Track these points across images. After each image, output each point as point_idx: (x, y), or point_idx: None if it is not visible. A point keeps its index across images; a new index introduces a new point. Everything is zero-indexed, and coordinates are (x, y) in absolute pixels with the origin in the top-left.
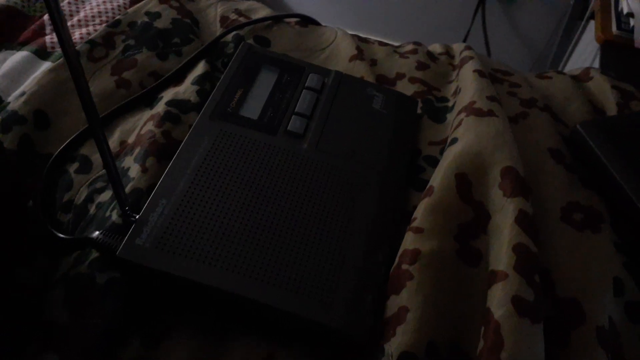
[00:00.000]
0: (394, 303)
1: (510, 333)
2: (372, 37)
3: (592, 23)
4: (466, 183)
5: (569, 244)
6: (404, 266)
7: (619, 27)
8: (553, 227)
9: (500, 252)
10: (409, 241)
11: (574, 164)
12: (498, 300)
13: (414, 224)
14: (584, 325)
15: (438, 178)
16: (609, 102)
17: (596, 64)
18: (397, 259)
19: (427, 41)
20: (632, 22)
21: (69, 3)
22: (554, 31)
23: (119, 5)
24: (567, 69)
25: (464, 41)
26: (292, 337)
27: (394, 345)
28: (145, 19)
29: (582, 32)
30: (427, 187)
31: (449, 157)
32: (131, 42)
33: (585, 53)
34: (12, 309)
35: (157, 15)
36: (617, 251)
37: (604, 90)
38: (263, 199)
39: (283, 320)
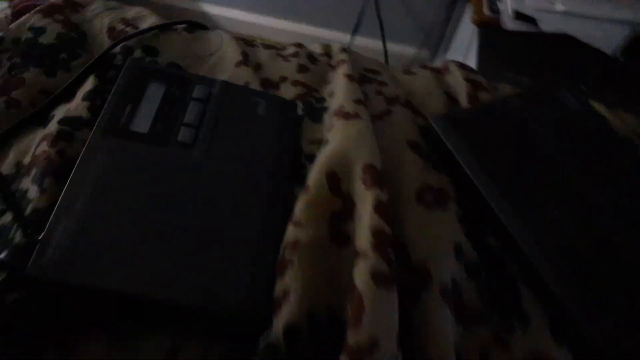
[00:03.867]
0: (280, 286)
1: (369, 300)
2: (268, 18)
3: None
4: (335, 179)
5: (421, 221)
6: (287, 254)
7: (491, 10)
8: (409, 208)
9: (362, 235)
10: (289, 233)
11: (428, 152)
12: (360, 273)
13: (294, 218)
14: (431, 286)
15: (313, 176)
16: (462, 93)
17: (475, 42)
18: (281, 250)
19: (321, 20)
20: (499, 5)
21: None
22: (442, 9)
23: (0, 20)
24: (452, 46)
25: (359, 17)
26: (195, 330)
27: (280, 320)
28: (30, 34)
29: (464, 12)
30: (305, 185)
31: (322, 158)
32: (17, 60)
33: (468, 30)
34: None
35: (42, 30)
36: (460, 224)
37: (458, 82)
38: (160, 207)
39: (189, 313)
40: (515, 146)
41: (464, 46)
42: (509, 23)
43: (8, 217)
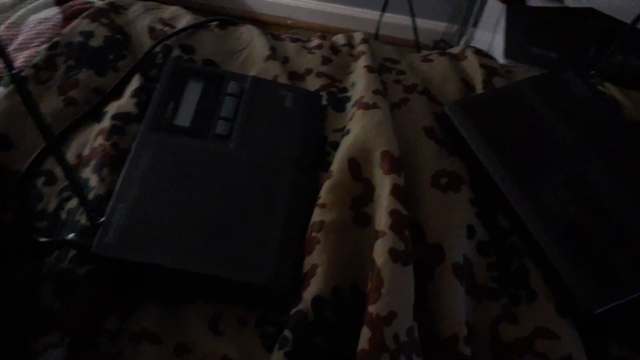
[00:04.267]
0: (308, 262)
1: (387, 275)
2: None
3: None
4: (356, 165)
5: (436, 203)
6: (313, 234)
7: None
8: (424, 191)
9: (381, 216)
10: (315, 214)
11: (443, 138)
12: (379, 251)
13: (319, 201)
14: (444, 263)
15: (336, 163)
16: (478, 80)
17: (504, 17)
18: (308, 229)
19: None
20: None
21: (7, 28)
22: None
23: (54, 25)
24: (481, 22)
25: None
26: (235, 297)
27: (309, 292)
28: (80, 38)
29: None
30: (329, 171)
31: (344, 146)
32: (71, 62)
33: (496, 6)
34: (8, 303)
35: (91, 34)
36: (471, 205)
37: (474, 68)
38: (201, 192)
39: (226, 284)
40: (525, 131)
41: (493, 22)
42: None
43: (73, 203)
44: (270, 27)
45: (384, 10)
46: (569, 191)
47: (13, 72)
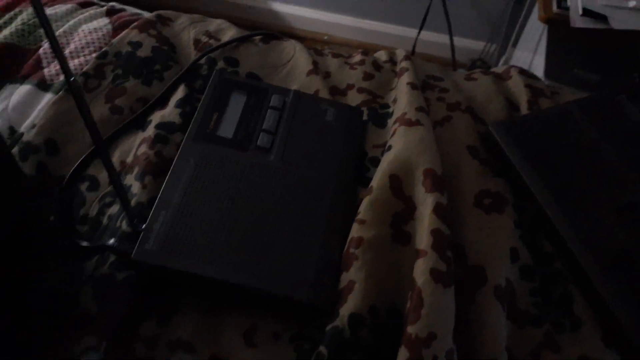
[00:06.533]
0: (345, 278)
1: (428, 295)
2: (335, 15)
3: None
4: (398, 182)
5: (479, 224)
6: (351, 250)
7: (559, 6)
8: (467, 211)
9: (422, 235)
10: (354, 230)
11: (487, 158)
12: (420, 271)
13: (359, 216)
14: (486, 286)
15: (376, 179)
16: (523, 100)
17: (544, 38)
18: (346, 245)
19: (388, 16)
20: (569, 1)
21: (58, 36)
22: (510, 4)
23: (103, 35)
24: (521, 42)
25: (426, 12)
26: (270, 310)
27: (345, 309)
28: (129, 48)
29: (533, 7)
30: (369, 186)
31: (385, 162)
32: (119, 71)
33: (537, 26)
34: (48, 305)
35: (139, 44)
36: (515, 227)
37: (519, 88)
38: (242, 204)
39: (263, 297)
40: (572, 153)
41: (534, 42)
42: (578, 20)
43: (114, 209)
44: (306, 42)
45: (421, 28)
46: (620, 218)
47: (72, 78)
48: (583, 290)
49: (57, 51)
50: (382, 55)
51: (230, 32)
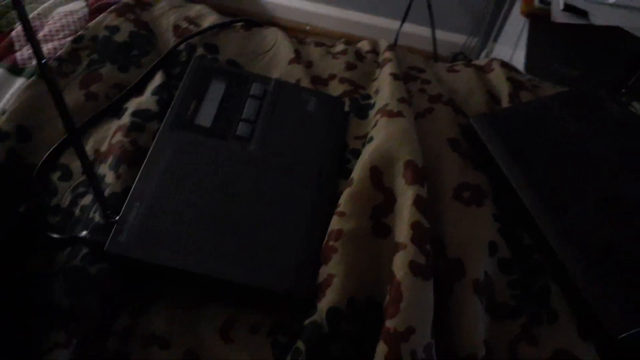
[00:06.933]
0: (324, 271)
1: (407, 288)
2: (318, 4)
3: None
4: (378, 174)
5: (458, 216)
6: (331, 243)
7: (540, 1)
8: (446, 203)
9: (402, 228)
10: (334, 223)
11: (468, 151)
12: (399, 264)
13: (338, 209)
14: (464, 279)
15: (357, 171)
16: (504, 93)
17: (526, 33)
18: (326, 237)
19: (371, 7)
20: None
21: (33, 18)
22: None
23: (79, 18)
24: (502, 35)
25: (408, 4)
26: (247, 302)
27: (324, 303)
28: (106, 33)
29: (513, 1)
30: (349, 178)
31: (366, 154)
32: (95, 56)
33: (518, 20)
34: (16, 297)
35: (116, 29)
36: (494, 220)
37: (501, 81)
38: (220, 194)
39: (242, 290)
40: (552, 147)
41: (515, 36)
42: (559, 15)
43: (87, 199)
44: (288, 32)
45: (404, 20)
46: (599, 212)
47: (43, 61)
48: (560, 283)
49: (29, 31)
50: (364, 45)
51: (210, 18)
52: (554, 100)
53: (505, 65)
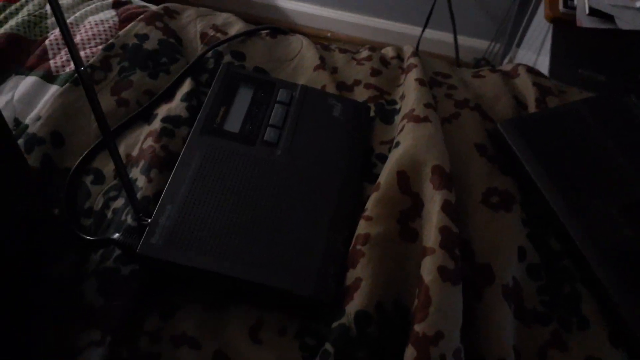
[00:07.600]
0: (352, 275)
1: (435, 293)
2: (340, 12)
3: None
4: (405, 178)
5: (486, 221)
6: (358, 247)
7: (565, 5)
8: (474, 208)
9: (430, 232)
10: (361, 227)
11: (495, 155)
12: (427, 269)
13: (366, 213)
14: (493, 284)
15: (384, 175)
16: (531, 98)
17: (549, 38)
18: (353, 241)
19: (393, 13)
20: (575, 1)
21: None
22: (515, 3)
23: (110, 27)
24: (526, 41)
25: (430, 10)
26: (275, 305)
27: (352, 306)
28: (135, 41)
29: (538, 7)
30: (376, 183)
31: (392, 158)
32: (125, 64)
33: (542, 25)
34: (52, 299)
35: (145, 37)
36: (523, 225)
37: (527, 86)
38: (248, 199)
39: (267, 292)
40: (581, 153)
41: (538, 41)
42: (585, 20)
43: (119, 202)
44: (309, 39)
45: (425, 25)
46: (628, 217)
47: (82, 68)
48: (591, 289)
49: (68, 39)
50: (389, 52)
51: (236, 26)
52: (581, 105)
53: (531, 70)
